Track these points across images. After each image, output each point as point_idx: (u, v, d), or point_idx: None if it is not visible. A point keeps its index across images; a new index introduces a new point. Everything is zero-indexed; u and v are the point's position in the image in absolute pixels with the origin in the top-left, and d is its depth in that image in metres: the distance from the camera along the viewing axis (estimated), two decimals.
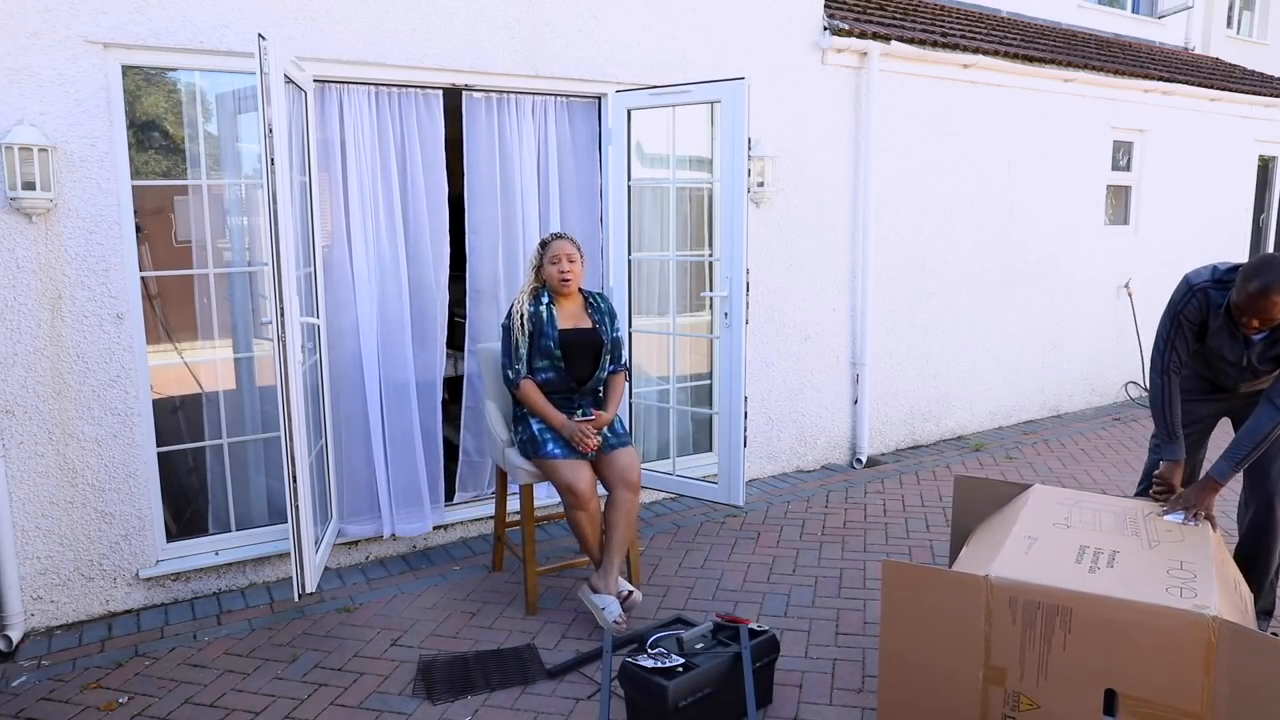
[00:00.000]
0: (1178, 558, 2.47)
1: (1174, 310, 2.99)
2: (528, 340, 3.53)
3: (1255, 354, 2.93)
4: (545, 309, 3.56)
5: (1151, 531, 2.66)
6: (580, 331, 3.61)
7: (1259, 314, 2.70)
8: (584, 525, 3.46)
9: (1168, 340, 3.02)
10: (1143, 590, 2.27)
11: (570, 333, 3.57)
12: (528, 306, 3.55)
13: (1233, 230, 8.23)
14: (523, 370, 3.54)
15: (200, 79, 3.75)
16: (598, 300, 3.73)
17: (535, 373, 3.55)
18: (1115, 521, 2.74)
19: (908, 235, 5.83)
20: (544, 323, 3.53)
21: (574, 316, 3.63)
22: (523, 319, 3.53)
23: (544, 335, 3.52)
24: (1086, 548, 2.53)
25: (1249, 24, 12.73)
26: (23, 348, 3.37)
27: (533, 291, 3.59)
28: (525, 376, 3.54)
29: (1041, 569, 2.41)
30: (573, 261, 3.56)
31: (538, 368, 3.55)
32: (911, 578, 2.51)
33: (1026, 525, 2.71)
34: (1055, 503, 2.90)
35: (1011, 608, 2.34)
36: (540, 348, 3.53)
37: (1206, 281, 2.93)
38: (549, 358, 3.53)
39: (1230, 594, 2.40)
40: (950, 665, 2.44)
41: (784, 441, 5.41)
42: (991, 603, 2.36)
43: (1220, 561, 2.54)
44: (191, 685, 3.09)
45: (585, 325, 3.64)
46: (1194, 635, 2.14)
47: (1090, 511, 2.83)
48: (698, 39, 4.77)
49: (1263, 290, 2.66)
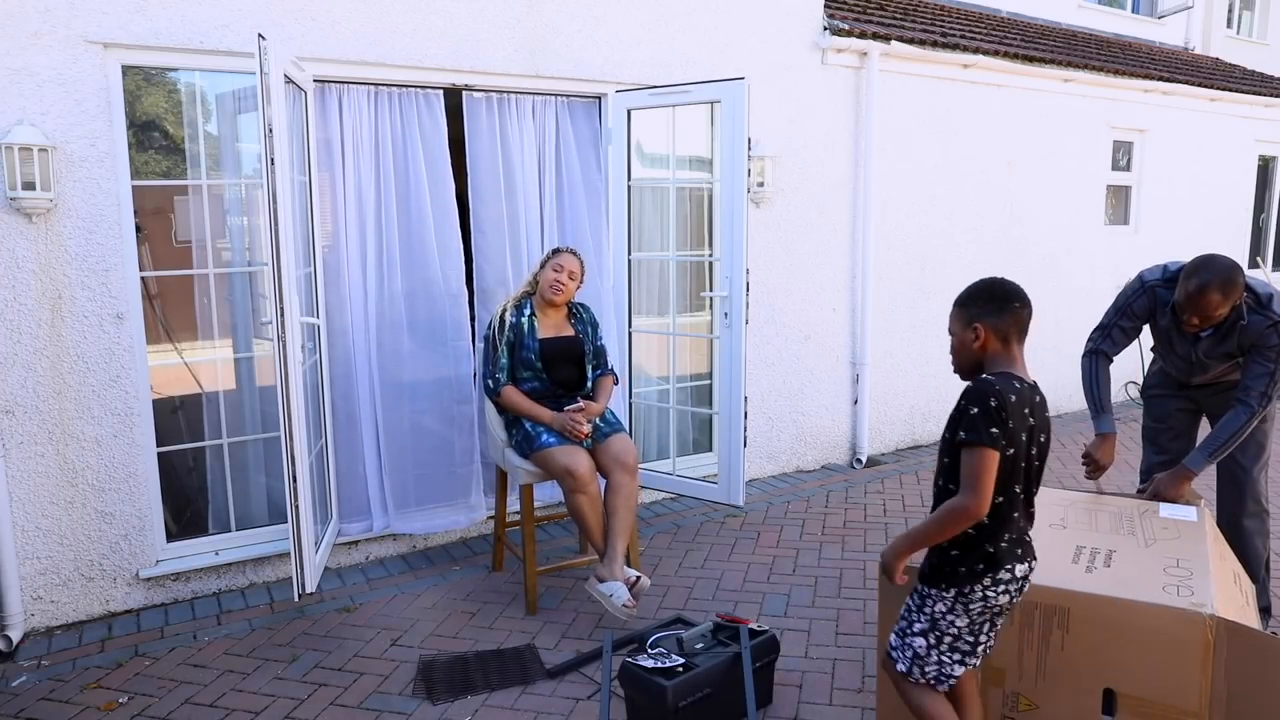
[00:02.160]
0: (1174, 555, 2.47)
1: (1122, 301, 3.12)
2: (508, 350, 3.58)
3: (1202, 350, 3.01)
4: (527, 320, 3.62)
5: (1148, 530, 2.66)
6: (561, 339, 3.67)
7: (1198, 312, 2.79)
8: (585, 509, 3.45)
9: (1107, 327, 3.15)
10: (1140, 589, 2.26)
11: (551, 341, 3.64)
12: (510, 316, 3.62)
13: (1233, 230, 8.23)
14: (503, 379, 3.59)
15: (200, 79, 3.75)
16: (580, 310, 3.80)
17: (520, 382, 3.61)
18: (1111, 521, 2.74)
19: (908, 235, 5.83)
20: (524, 334, 3.60)
21: (556, 326, 3.69)
22: (504, 328, 3.59)
23: (524, 346, 3.59)
24: (1083, 548, 2.53)
25: (1249, 24, 12.72)
26: (23, 348, 3.37)
27: (516, 301, 3.66)
28: (506, 384, 3.58)
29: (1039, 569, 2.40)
30: (572, 278, 3.62)
31: (522, 377, 3.61)
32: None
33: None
34: (1051, 503, 2.90)
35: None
36: (521, 358, 3.59)
37: (1157, 280, 3.04)
38: (530, 368, 3.59)
39: (1229, 589, 2.40)
40: None
41: (784, 441, 5.41)
42: None
43: (1218, 556, 2.54)
44: (191, 685, 3.09)
45: (567, 334, 3.70)
46: (1192, 634, 2.13)
47: (1086, 511, 2.83)
48: (698, 39, 4.77)
49: (1201, 289, 2.74)
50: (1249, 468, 3.16)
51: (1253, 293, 2.87)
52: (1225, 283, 2.73)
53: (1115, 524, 2.71)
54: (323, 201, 3.95)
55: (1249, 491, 3.18)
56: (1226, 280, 2.73)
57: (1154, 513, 2.82)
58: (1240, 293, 2.78)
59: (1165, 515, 2.80)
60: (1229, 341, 2.93)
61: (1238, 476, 3.18)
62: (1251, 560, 3.19)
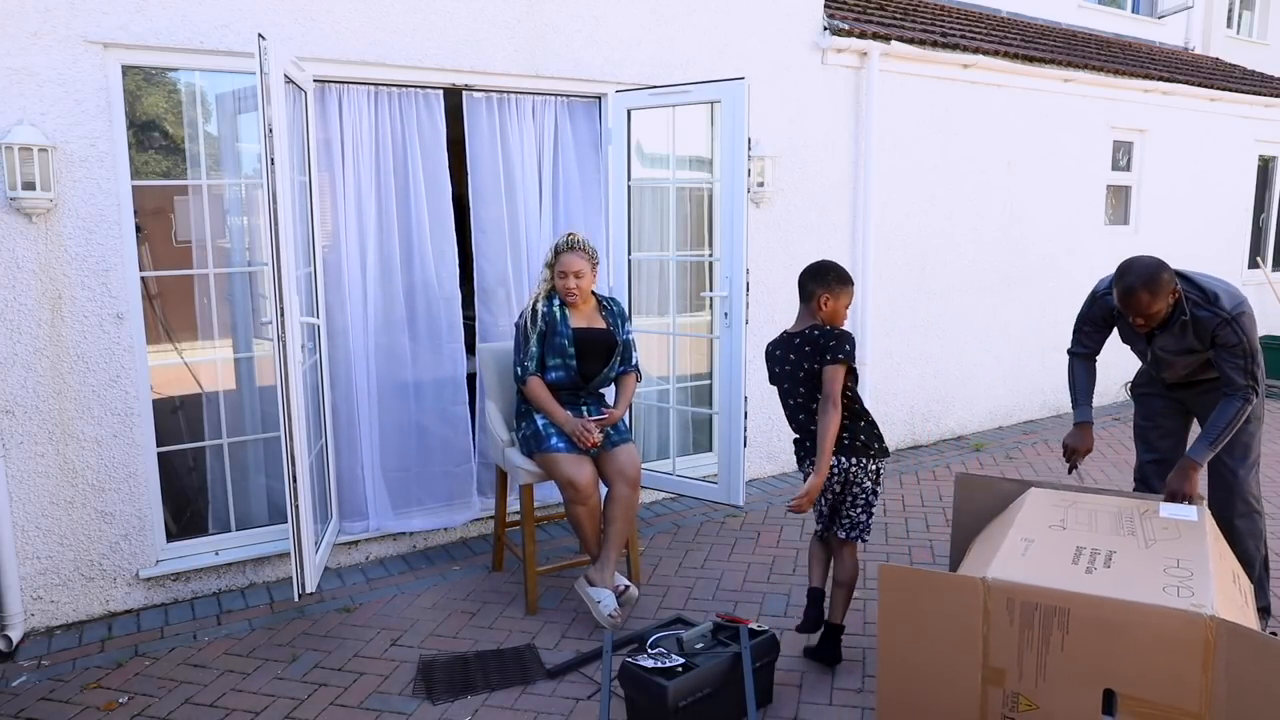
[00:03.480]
0: (1174, 555, 2.47)
1: (1083, 311, 3.35)
2: (539, 338, 3.54)
3: (1158, 347, 3.12)
4: (559, 309, 3.58)
5: (1148, 530, 2.67)
6: (594, 330, 3.64)
7: (1134, 312, 2.89)
8: (583, 520, 3.46)
9: (1076, 332, 3.40)
10: (1140, 590, 2.26)
11: (584, 331, 3.60)
12: (542, 305, 3.58)
13: (1233, 230, 8.23)
14: (531, 367, 3.55)
15: (200, 79, 3.75)
16: (611, 304, 3.77)
17: (546, 371, 3.56)
18: (1111, 521, 2.75)
19: (908, 235, 5.83)
20: (557, 321, 3.56)
21: (588, 317, 3.66)
22: (536, 317, 3.55)
23: (557, 333, 3.55)
24: (1083, 548, 2.53)
25: (1249, 24, 12.72)
26: (23, 348, 3.37)
27: (547, 293, 3.62)
28: (534, 374, 3.55)
29: (1038, 570, 2.41)
30: (580, 278, 3.57)
31: (549, 366, 3.56)
32: (908, 580, 2.50)
33: (1023, 528, 2.71)
34: (1051, 504, 2.91)
35: (1009, 609, 2.33)
36: (554, 345, 3.55)
37: (1105, 289, 3.20)
38: (561, 355, 3.55)
39: (1228, 589, 2.40)
40: (949, 667, 2.44)
41: (784, 441, 5.41)
42: (989, 604, 2.36)
43: (1218, 555, 2.54)
44: (191, 685, 3.09)
45: (599, 325, 3.67)
46: (1192, 635, 2.13)
47: (1086, 512, 2.83)
48: (698, 39, 4.77)
49: (1127, 292, 2.85)
50: (1236, 469, 3.20)
51: (1199, 289, 2.94)
52: (1149, 281, 2.81)
53: (1115, 525, 2.72)
54: (323, 201, 3.95)
55: (1239, 492, 3.22)
56: (1150, 279, 2.81)
57: (1154, 513, 2.82)
58: (1169, 289, 2.85)
59: (1166, 515, 2.80)
60: (1185, 338, 3.00)
61: (1227, 479, 3.23)
62: (1245, 561, 3.21)
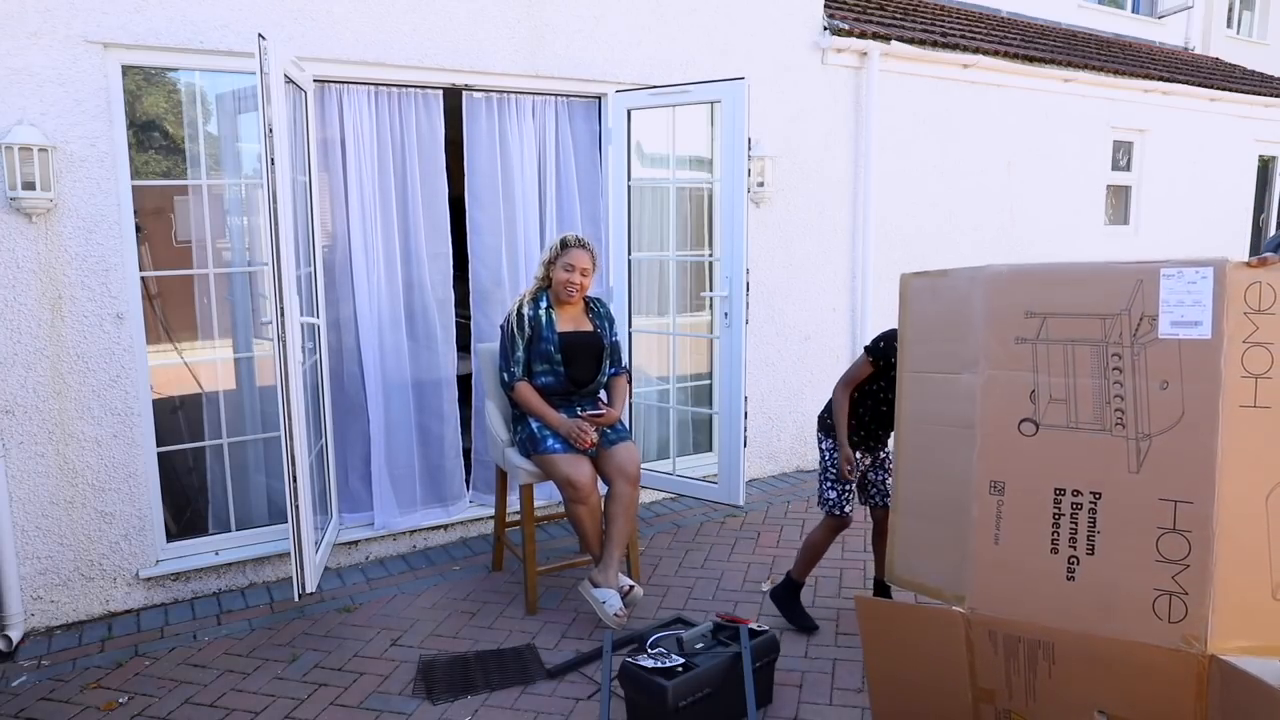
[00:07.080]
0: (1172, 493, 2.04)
1: None
2: (525, 343, 3.52)
3: None
4: (544, 312, 3.55)
5: (1140, 402, 2.09)
6: (581, 334, 3.60)
7: None
8: (584, 520, 3.45)
9: None
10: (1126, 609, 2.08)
11: (570, 335, 3.57)
12: (527, 309, 3.54)
13: (1233, 230, 8.22)
14: (518, 373, 3.53)
15: (200, 79, 3.75)
16: (597, 305, 3.74)
17: (534, 376, 3.54)
18: (1093, 382, 2.14)
19: (908, 235, 5.83)
20: (543, 326, 3.53)
21: (574, 320, 3.62)
22: (521, 321, 3.52)
23: (543, 339, 3.52)
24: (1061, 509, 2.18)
25: (1249, 24, 12.73)
26: (23, 348, 3.37)
27: (533, 294, 3.58)
28: (521, 379, 3.53)
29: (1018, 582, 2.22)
30: (585, 275, 3.55)
31: (537, 371, 3.54)
32: (885, 613, 2.46)
33: (986, 428, 2.26)
34: (1017, 320, 2.22)
35: (992, 640, 2.26)
36: (539, 351, 3.52)
37: None
38: (548, 361, 3.52)
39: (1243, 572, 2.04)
40: (939, 685, 2.39)
41: (784, 441, 5.41)
42: (971, 635, 2.29)
43: (1235, 461, 2.01)
44: (191, 685, 3.09)
45: (586, 328, 3.64)
46: (1183, 670, 2.02)
47: (1060, 350, 2.18)
48: (698, 39, 4.77)
49: None
50: None
51: None
52: None
53: (1098, 391, 2.12)
54: (323, 201, 3.95)
55: None
56: None
57: (1152, 333, 2.05)
58: None
59: (1165, 336, 2.03)
60: None
61: None
62: None
